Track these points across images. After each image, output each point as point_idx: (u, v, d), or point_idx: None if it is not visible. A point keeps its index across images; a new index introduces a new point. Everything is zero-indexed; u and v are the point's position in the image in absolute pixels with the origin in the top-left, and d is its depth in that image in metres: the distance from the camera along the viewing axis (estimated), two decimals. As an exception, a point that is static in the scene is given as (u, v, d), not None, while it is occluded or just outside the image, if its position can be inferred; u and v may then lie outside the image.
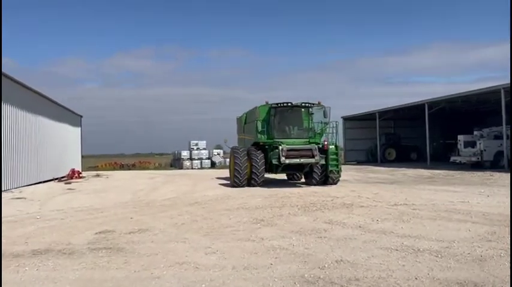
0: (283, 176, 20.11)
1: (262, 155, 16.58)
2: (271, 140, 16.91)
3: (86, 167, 36.35)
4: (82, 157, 35.12)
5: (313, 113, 17.77)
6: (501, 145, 24.97)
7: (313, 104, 17.51)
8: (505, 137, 24.55)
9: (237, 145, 19.87)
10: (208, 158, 41.50)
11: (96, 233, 8.05)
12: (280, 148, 16.11)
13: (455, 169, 25.22)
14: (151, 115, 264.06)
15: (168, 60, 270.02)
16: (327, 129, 17.63)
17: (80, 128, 34.36)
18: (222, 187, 18.00)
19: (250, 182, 16.53)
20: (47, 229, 8.71)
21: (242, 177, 16.42)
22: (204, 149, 42.00)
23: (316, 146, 16.46)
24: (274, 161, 16.19)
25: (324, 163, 16.52)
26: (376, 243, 6.75)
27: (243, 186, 16.45)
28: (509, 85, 23.48)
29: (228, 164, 39.60)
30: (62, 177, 25.33)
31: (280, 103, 17.12)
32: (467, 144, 27.27)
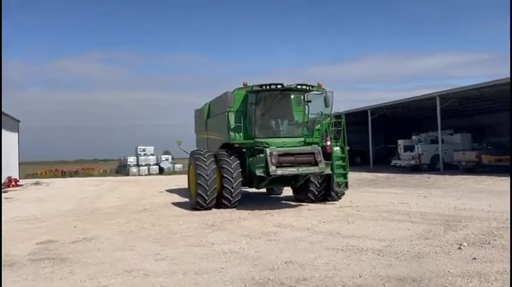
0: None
1: (238, 162, 11.60)
2: (251, 141, 11.78)
3: (24, 175, 34.32)
4: (19, 163, 33.09)
5: (310, 101, 12.46)
6: (437, 148, 26.61)
7: (311, 86, 11.99)
8: (440, 141, 26.20)
9: (196, 148, 14.65)
10: (156, 164, 40.62)
11: (38, 244, 7.70)
12: (267, 151, 10.82)
13: (396, 171, 26.50)
14: (96, 120, 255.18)
15: (119, 65, 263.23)
16: (330, 123, 12.27)
17: (17, 134, 32.43)
18: (171, 192, 17.73)
19: (220, 202, 11.48)
20: (-17, 240, 8.19)
21: (209, 195, 11.20)
22: (152, 155, 41.06)
23: (319, 148, 11.45)
24: (260, 172, 10.90)
25: (328, 172, 11.44)
26: (323, 244, 7.00)
27: (209, 208, 11.37)
28: (443, 92, 25.29)
29: (177, 170, 39.57)
30: (-2, 185, 23.77)
31: (266, 85, 11.52)
32: (406, 148, 28.79)
